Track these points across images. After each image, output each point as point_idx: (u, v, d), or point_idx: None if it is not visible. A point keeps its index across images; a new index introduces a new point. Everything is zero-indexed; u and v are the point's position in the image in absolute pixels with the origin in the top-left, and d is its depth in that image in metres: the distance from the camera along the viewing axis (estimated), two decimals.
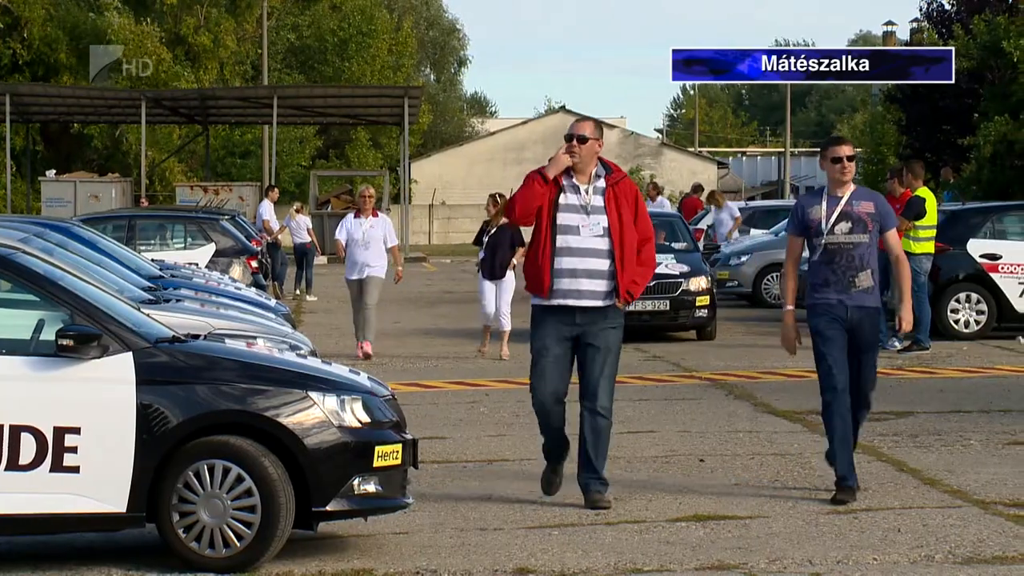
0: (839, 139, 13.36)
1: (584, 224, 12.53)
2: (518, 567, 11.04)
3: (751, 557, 11.21)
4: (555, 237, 12.51)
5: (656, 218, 30.15)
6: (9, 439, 10.92)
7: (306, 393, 11.35)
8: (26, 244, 14.96)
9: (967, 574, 10.72)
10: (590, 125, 12.81)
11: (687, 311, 26.75)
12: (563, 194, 12.59)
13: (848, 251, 12.66)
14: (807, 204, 13.00)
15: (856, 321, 12.80)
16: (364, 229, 24.09)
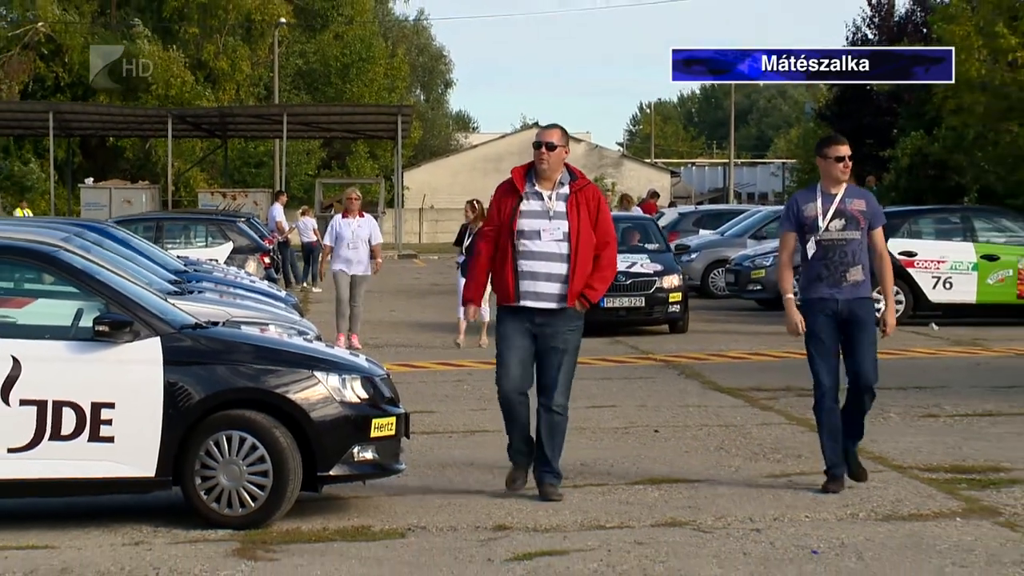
0: (838, 138, 12.37)
1: (545, 228, 11.68)
2: (497, 524, 11.04)
3: (699, 515, 11.22)
4: (515, 243, 11.71)
5: (631, 221, 29.82)
6: (52, 413, 10.92)
7: (312, 373, 11.36)
8: (67, 243, 14.95)
9: (886, 529, 10.73)
10: (557, 132, 12.04)
11: (661, 307, 25.96)
12: (524, 201, 11.77)
13: (841, 247, 11.82)
14: (802, 201, 12.06)
15: (847, 312, 11.87)
16: (352, 229, 23.79)
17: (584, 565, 9.77)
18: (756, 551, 10.12)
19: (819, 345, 11.97)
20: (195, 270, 22.41)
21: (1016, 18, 31.55)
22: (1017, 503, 11.58)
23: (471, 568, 9.77)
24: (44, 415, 10.94)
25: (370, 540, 10.68)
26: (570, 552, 10.13)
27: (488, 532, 10.81)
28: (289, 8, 77.47)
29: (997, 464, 13.21)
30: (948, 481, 12.46)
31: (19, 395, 10.93)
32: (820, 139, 12.53)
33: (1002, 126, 33.12)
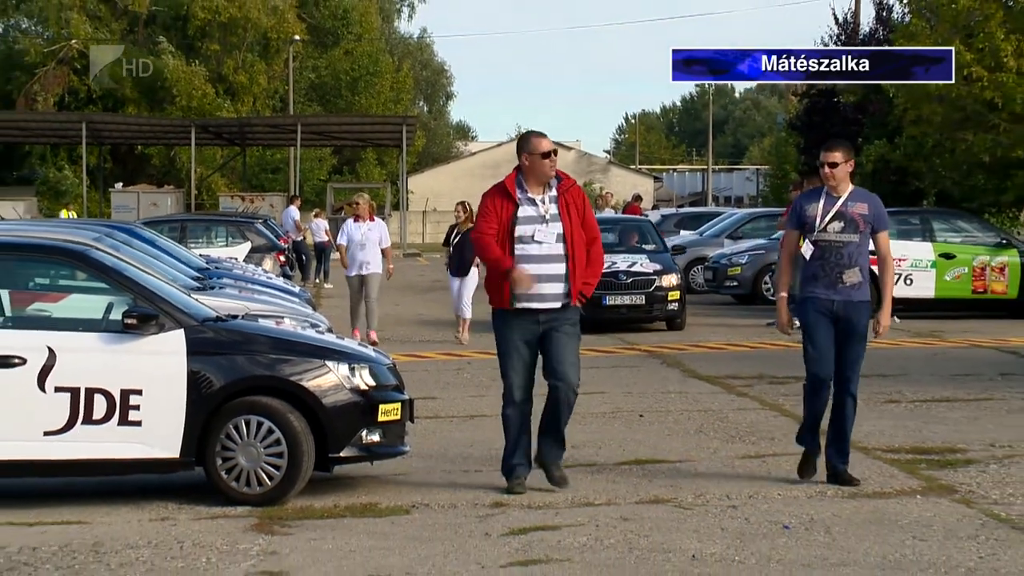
0: (831, 144, 11.65)
1: (541, 232, 11.12)
2: (494, 502, 11.05)
3: (680, 493, 11.22)
4: (514, 248, 11.12)
5: (630, 223, 29.40)
6: (85, 399, 10.93)
7: (324, 362, 11.38)
8: (98, 242, 14.93)
9: (852, 506, 10.73)
10: (549, 140, 11.59)
11: (660, 305, 25.07)
12: (520, 208, 11.22)
13: (838, 248, 11.13)
14: (806, 202, 11.42)
15: (843, 315, 11.19)
16: (363, 232, 23.39)
17: (574, 539, 9.78)
18: (732, 526, 10.13)
19: (815, 340, 11.30)
20: (216, 267, 22.39)
21: (971, 36, 31.56)
22: (972, 481, 11.59)
23: (470, 542, 9.77)
24: (77, 401, 10.95)
25: (377, 516, 10.69)
26: (561, 527, 10.13)
27: (486, 509, 10.81)
28: (302, 26, 77.50)
29: (954, 446, 13.22)
30: (909, 462, 12.47)
31: (54, 383, 10.94)
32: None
33: (958, 135, 33.11)
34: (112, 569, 9.23)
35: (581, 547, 9.55)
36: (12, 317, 11.51)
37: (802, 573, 8.83)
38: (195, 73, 73.37)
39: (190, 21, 74.97)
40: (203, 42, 75.35)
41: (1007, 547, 9.45)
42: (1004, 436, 13.75)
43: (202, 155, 72.87)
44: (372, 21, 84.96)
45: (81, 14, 73.24)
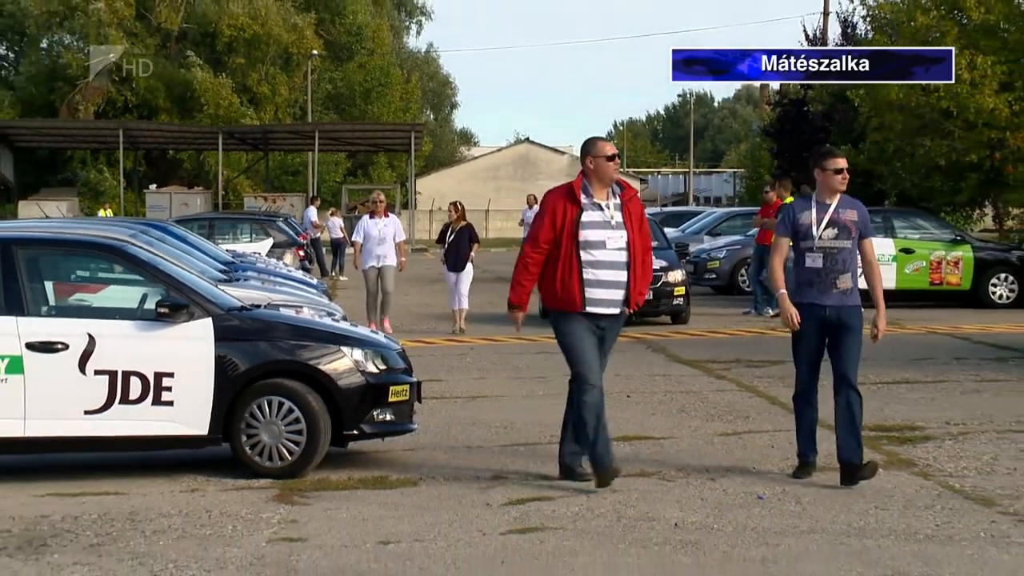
0: (836, 151, 11.12)
1: (609, 238, 10.30)
2: (494, 475, 11.05)
3: (664, 467, 11.22)
4: (579, 252, 10.26)
5: None
6: (122, 381, 10.94)
7: (339, 348, 11.38)
8: (134, 239, 14.93)
9: (819, 478, 10.73)
10: (613, 145, 10.79)
11: (666, 300, 23.84)
12: (585, 212, 10.31)
13: (833, 255, 10.51)
14: (798, 209, 10.70)
15: (835, 318, 10.53)
16: (379, 227, 22.93)
17: (567, 509, 9.78)
18: (712, 497, 10.13)
19: (805, 345, 10.67)
20: (241, 261, 22.40)
21: None
22: (929, 456, 11.60)
23: (473, 511, 9.77)
24: (115, 383, 10.95)
25: (388, 488, 10.69)
26: (555, 498, 10.13)
27: (487, 481, 10.81)
28: (320, 42, 77.50)
29: (913, 424, 13.22)
30: (872, 438, 12.46)
31: (94, 366, 10.94)
32: (819, 152, 11.10)
33: (916, 141, 33.10)
34: (147, 536, 9.23)
35: (573, 516, 9.56)
36: (55, 306, 11.52)
37: (775, 539, 8.83)
38: (222, 84, 73.37)
39: (218, 37, 74.93)
40: (229, 56, 75.31)
41: (961, 515, 9.46)
42: (958, 415, 13.76)
43: (228, 159, 72.88)
44: (383, 37, 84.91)
45: (119, 31, 73.22)
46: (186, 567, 8.40)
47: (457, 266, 23.23)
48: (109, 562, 8.56)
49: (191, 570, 8.32)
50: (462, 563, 8.38)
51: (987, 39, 31.26)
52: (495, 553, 8.60)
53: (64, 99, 73.86)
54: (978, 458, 11.51)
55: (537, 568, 8.21)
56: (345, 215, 53.86)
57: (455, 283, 23.28)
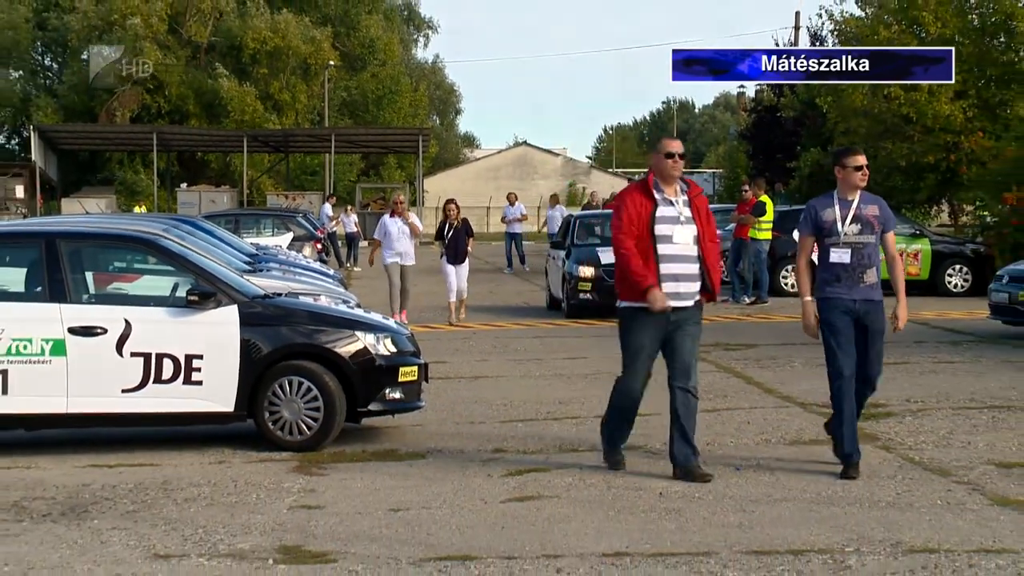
0: (856, 149, 10.47)
1: (679, 233, 9.71)
2: (495, 448, 11.05)
3: (650, 440, 11.21)
4: (655, 247, 9.70)
5: None
6: (155, 362, 10.96)
7: (353, 332, 11.39)
8: (166, 233, 14.91)
9: (792, 451, 10.74)
10: (680, 143, 10.11)
11: None
12: (659, 207, 9.75)
13: (858, 250, 9.81)
14: (820, 207, 9.99)
15: (863, 313, 9.82)
16: (399, 225, 22.34)
17: (561, 479, 9.78)
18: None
19: (839, 336, 9.83)
20: (264, 253, 22.38)
21: None
22: (891, 431, 11.60)
23: (475, 481, 9.77)
24: (149, 364, 10.96)
25: (398, 460, 10.69)
26: (551, 470, 10.13)
27: (488, 454, 10.82)
28: (336, 54, 77.38)
29: (876, 401, 13.16)
30: None
31: (130, 348, 10.96)
32: (838, 150, 10.35)
33: (879, 144, 33.07)
34: (178, 504, 9.23)
35: (567, 486, 9.56)
36: (95, 294, 11.51)
37: (751, 507, 8.83)
38: (247, 92, 73.29)
39: (243, 50, 74.80)
40: (253, 67, 75.18)
41: (920, 485, 9.46)
42: (917, 393, 13.76)
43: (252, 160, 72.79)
44: (394, 49, 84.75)
45: (152, 43, 73.18)
46: (214, 532, 8.40)
47: (458, 259, 22.94)
48: (144, 527, 8.56)
49: (219, 535, 8.32)
50: (466, 528, 8.38)
51: None
52: (496, 519, 8.60)
53: (103, 106, 73.85)
54: (935, 432, 11.51)
55: (534, 533, 8.21)
56: (359, 211, 53.88)
57: (455, 276, 22.90)
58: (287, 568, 7.54)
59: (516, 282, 34.01)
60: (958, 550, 7.71)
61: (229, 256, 17.49)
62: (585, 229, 24.71)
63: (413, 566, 7.52)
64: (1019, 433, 11.46)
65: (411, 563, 7.58)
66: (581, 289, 22.08)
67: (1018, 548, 7.75)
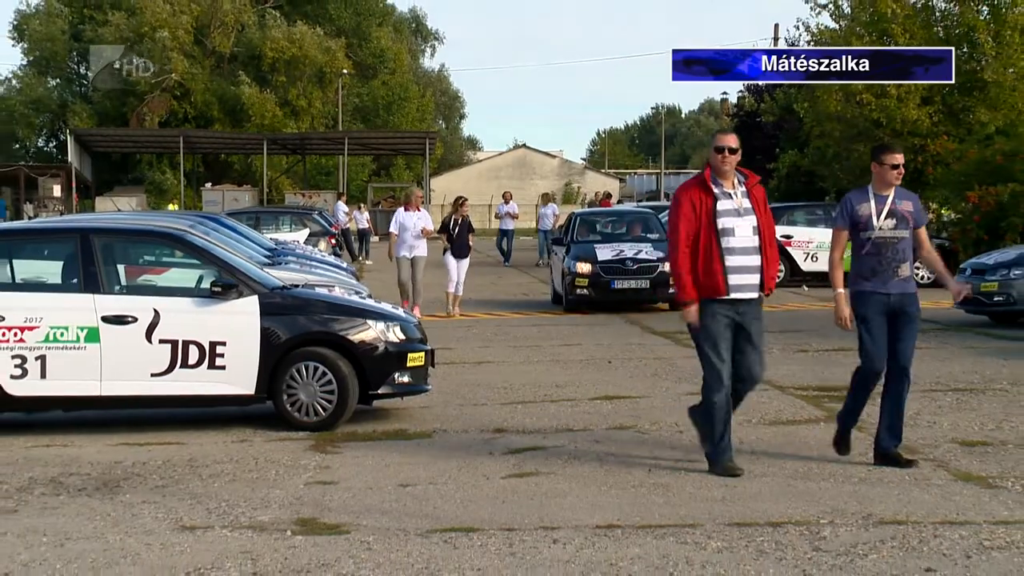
0: (895, 147, 9.72)
1: (740, 225, 9.08)
2: (496, 428, 11.04)
3: (639, 421, 11.22)
4: (718, 240, 9.06)
5: (636, 215, 25.72)
6: (182, 348, 10.95)
7: (365, 321, 11.38)
8: (192, 229, 14.90)
9: (771, 431, 10.73)
10: (734, 137, 9.39)
11: (663, 288, 21.24)
12: (719, 201, 9.12)
13: (893, 244, 9.32)
14: (856, 201, 9.44)
15: (897, 305, 9.33)
16: (413, 220, 21.86)
17: (557, 456, 9.77)
18: (680, 446, 10.12)
19: (874, 332, 9.35)
20: (282, 248, 22.37)
21: None
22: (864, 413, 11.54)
23: (478, 458, 9.76)
24: (176, 350, 10.95)
25: (406, 439, 10.68)
26: (547, 447, 10.12)
27: (490, 433, 10.81)
28: (349, 63, 77.31)
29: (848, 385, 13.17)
30: (815, 397, 12.47)
31: (159, 336, 10.95)
32: (876, 147, 9.87)
33: (852, 146, 33.05)
34: (203, 479, 9.23)
35: (563, 462, 9.55)
36: (126, 285, 11.50)
37: (733, 482, 8.83)
38: (267, 99, 73.27)
39: (263, 59, 74.75)
40: (273, 75, 75.14)
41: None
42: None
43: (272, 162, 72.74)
44: (403, 59, 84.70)
45: (180, 53, 73.21)
46: (236, 505, 8.39)
47: (463, 253, 22.58)
48: (172, 501, 8.56)
49: (240, 508, 8.32)
50: (469, 502, 8.38)
51: None
52: (497, 494, 8.60)
53: (134, 111, 73.90)
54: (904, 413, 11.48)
55: (533, 506, 8.21)
56: (371, 209, 53.87)
57: (457, 269, 22.36)
58: (304, 539, 7.53)
59: (515, 274, 34.00)
60: (924, 522, 7.71)
61: (250, 250, 17.49)
62: (586, 226, 24.25)
63: (420, 537, 7.52)
64: (981, 414, 11.46)
65: (418, 534, 7.58)
66: (578, 285, 21.63)
67: (979, 520, 7.75)
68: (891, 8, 31.23)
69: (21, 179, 62.22)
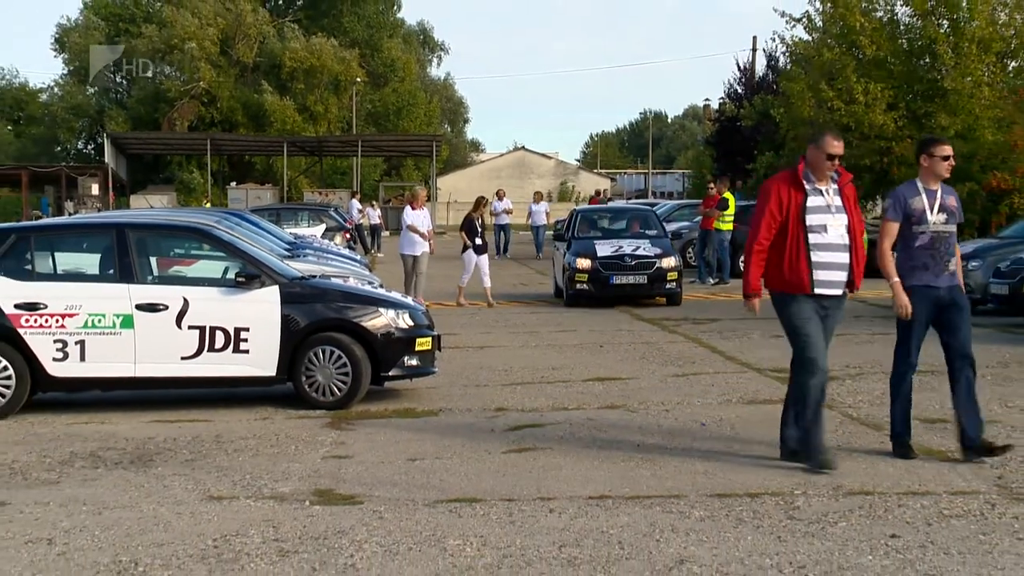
0: (943, 139, 9.11)
1: (831, 223, 8.41)
2: (497, 407, 11.04)
3: (629, 401, 11.22)
4: (807, 236, 8.38)
5: (635, 212, 24.73)
6: (210, 333, 10.96)
7: (377, 309, 11.37)
8: (218, 224, 14.89)
9: (749, 409, 10.73)
10: (842, 145, 8.58)
11: (660, 283, 20.66)
12: (809, 197, 8.43)
13: (945, 239, 8.70)
14: (908, 195, 8.75)
15: (947, 297, 8.61)
16: (421, 218, 21.26)
17: (553, 433, 9.77)
18: (666, 424, 10.12)
19: (918, 329, 8.66)
20: (301, 242, 22.35)
21: (833, 79, 31.45)
22: (833, 392, 11.54)
23: (481, 435, 9.76)
24: (204, 335, 10.95)
25: (415, 417, 10.68)
26: (545, 425, 10.12)
27: (492, 412, 10.81)
28: (362, 72, 77.18)
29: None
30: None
31: (188, 322, 10.96)
32: (927, 138, 9.14)
33: None
34: (229, 454, 9.23)
35: (559, 439, 9.55)
36: (158, 276, 11.50)
37: (715, 456, 8.83)
38: (286, 105, 73.22)
39: (283, 68, 74.65)
40: (292, 83, 75.01)
41: (857, 437, 9.47)
42: (855, 360, 13.76)
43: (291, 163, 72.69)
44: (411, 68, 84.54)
45: (207, 63, 73.21)
46: (259, 478, 8.40)
47: (486, 249, 21.91)
48: (200, 474, 8.56)
49: (263, 480, 8.32)
50: (473, 475, 8.38)
51: (877, 70, 31.17)
52: (498, 467, 8.60)
53: (165, 116, 73.89)
54: (870, 393, 11.51)
55: (531, 479, 8.21)
56: (382, 206, 53.83)
57: (479, 264, 21.67)
58: (321, 508, 7.54)
59: (514, 266, 33.97)
60: (889, 493, 7.71)
61: (271, 244, 17.48)
62: (586, 223, 23.44)
63: (428, 507, 7.52)
64: (940, 394, 11.42)
65: (426, 504, 7.58)
66: (578, 280, 20.93)
67: (939, 491, 7.76)
68: (859, 22, 31.22)
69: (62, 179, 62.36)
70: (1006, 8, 30.33)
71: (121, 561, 6.53)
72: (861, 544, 6.63)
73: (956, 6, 30.32)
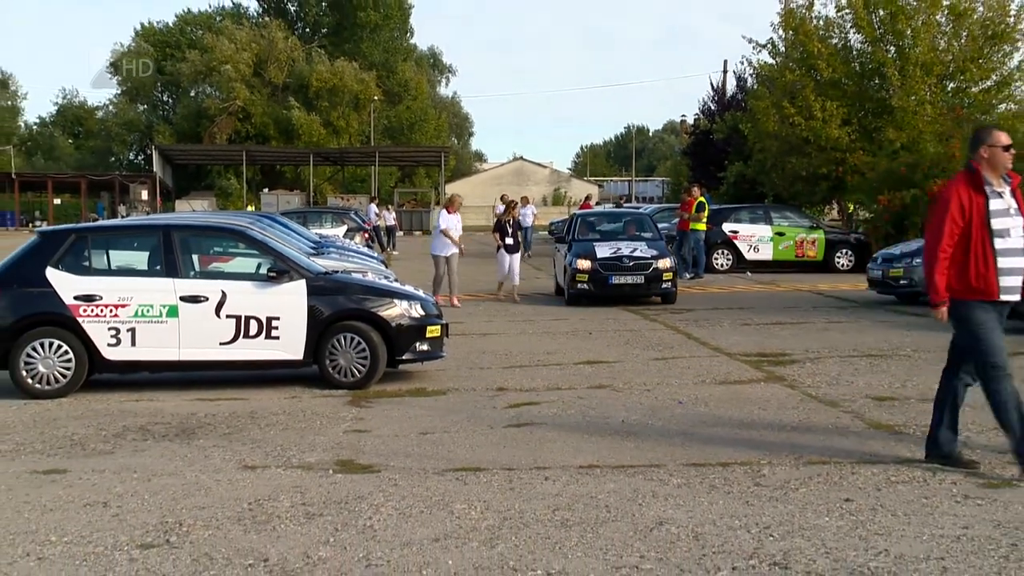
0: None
1: (1012, 226, 7.17)
2: (498, 387, 11.02)
3: (615, 381, 11.20)
4: (993, 241, 7.13)
5: (632, 216, 23.28)
6: (245, 322, 10.94)
7: (392, 300, 11.35)
8: (252, 225, 14.86)
9: (721, 389, 10.71)
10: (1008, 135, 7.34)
11: (656, 284, 19.43)
12: (991, 200, 7.18)
13: None
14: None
15: None
16: (454, 222, 20.24)
17: (548, 410, 9.76)
18: (647, 402, 10.10)
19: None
20: (325, 241, 22.32)
21: (794, 98, 31.43)
22: (795, 374, 11.56)
23: (483, 411, 9.75)
24: (240, 323, 10.93)
25: (425, 396, 10.67)
26: (540, 403, 10.11)
27: (493, 392, 10.79)
28: (379, 91, 77.20)
29: (784, 351, 13.20)
30: (756, 362, 12.44)
31: (226, 312, 10.94)
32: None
33: (786, 159, 32.95)
34: (261, 428, 9.22)
35: (552, 416, 9.54)
36: (199, 271, 11.47)
37: (691, 430, 8.82)
38: (313, 120, 73.24)
39: (310, 88, 74.65)
40: (317, 101, 75.01)
41: (816, 414, 9.44)
42: (814, 345, 13.74)
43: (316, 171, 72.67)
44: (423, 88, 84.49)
45: (242, 84, 73.28)
46: (288, 449, 8.39)
47: (517, 248, 21.17)
48: (236, 445, 8.55)
49: (292, 451, 8.31)
50: (476, 447, 8.37)
51: (833, 90, 31.18)
52: (499, 440, 8.59)
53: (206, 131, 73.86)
54: (827, 374, 11.49)
55: (527, 450, 8.20)
56: (396, 209, 53.79)
57: (511, 262, 20.90)
58: (343, 476, 7.52)
59: None
60: (844, 462, 7.70)
61: (299, 243, 17.45)
62: (586, 226, 22.38)
63: (437, 475, 7.51)
64: (890, 375, 11.45)
65: (435, 473, 7.57)
66: (579, 280, 19.96)
67: (888, 460, 7.75)
68: (817, 47, 31.27)
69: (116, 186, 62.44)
70: (945, 36, 30.41)
71: (167, 522, 6.53)
72: (819, 507, 6.63)
73: (902, 34, 30.36)
